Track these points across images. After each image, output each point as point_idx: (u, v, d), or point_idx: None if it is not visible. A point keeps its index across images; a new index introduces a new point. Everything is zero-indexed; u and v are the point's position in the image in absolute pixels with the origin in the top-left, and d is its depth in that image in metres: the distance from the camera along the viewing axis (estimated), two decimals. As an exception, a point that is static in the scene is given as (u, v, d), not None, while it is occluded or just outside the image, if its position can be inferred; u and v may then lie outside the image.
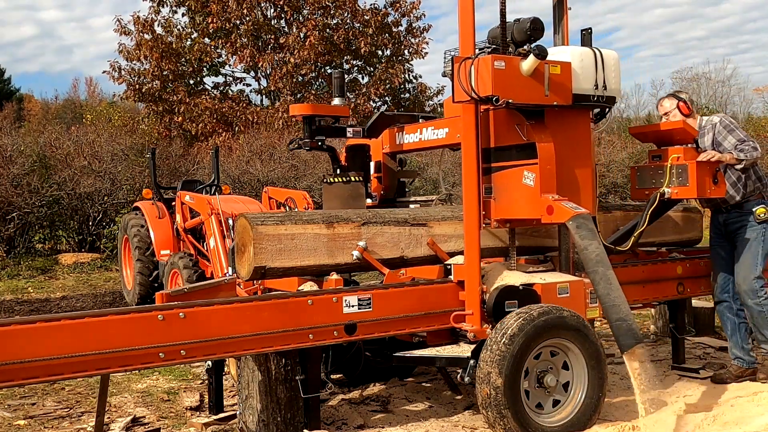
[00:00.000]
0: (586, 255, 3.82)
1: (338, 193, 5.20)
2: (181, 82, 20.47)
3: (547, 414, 4.02)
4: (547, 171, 4.07)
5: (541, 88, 4.03)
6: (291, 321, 3.70)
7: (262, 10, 20.55)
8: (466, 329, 4.06)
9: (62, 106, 39.58)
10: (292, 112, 5.56)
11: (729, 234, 5.00)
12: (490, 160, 4.28)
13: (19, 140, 14.58)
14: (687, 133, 4.76)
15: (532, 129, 4.11)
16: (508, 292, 4.08)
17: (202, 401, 4.98)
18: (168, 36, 20.32)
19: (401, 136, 5.26)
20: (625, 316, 3.72)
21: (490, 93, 3.88)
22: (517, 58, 3.99)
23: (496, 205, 4.27)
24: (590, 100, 4.27)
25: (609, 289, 3.76)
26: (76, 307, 9.12)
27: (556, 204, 3.98)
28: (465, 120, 4.10)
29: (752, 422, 3.95)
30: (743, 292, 4.89)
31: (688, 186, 4.56)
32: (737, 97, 43.87)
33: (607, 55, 4.33)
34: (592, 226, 3.90)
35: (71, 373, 3.28)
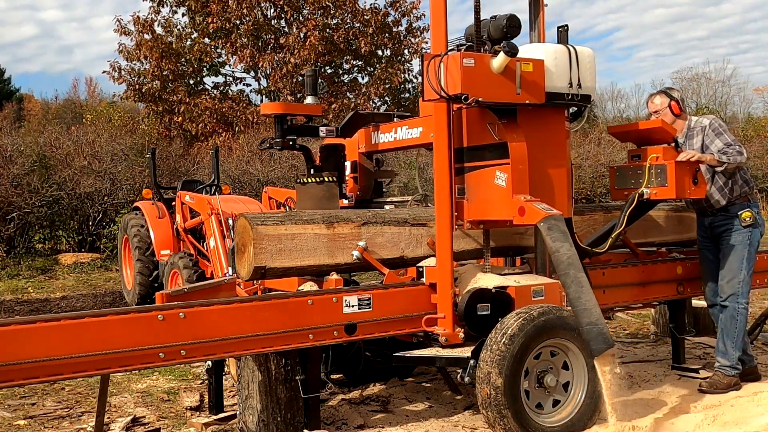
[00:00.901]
0: (557, 257, 3.73)
1: (312, 193, 5.09)
2: (181, 82, 20.48)
3: (547, 414, 4.02)
4: (520, 171, 3.98)
5: (513, 87, 3.94)
6: (291, 321, 3.70)
7: (262, 10, 20.55)
8: (438, 333, 3.99)
9: (62, 106, 39.58)
10: (263, 111, 5.44)
11: (715, 237, 4.93)
12: (463, 159, 4.19)
13: (19, 140, 14.59)
14: (666, 133, 4.67)
15: (504, 128, 4.01)
16: (480, 295, 4.00)
17: (202, 401, 4.98)
18: (168, 36, 20.32)
19: (377, 135, 5.16)
20: (596, 320, 3.62)
21: (459, 91, 3.80)
22: (487, 56, 3.89)
23: (469, 205, 4.17)
24: (564, 99, 4.14)
25: (580, 293, 3.66)
26: (76, 307, 9.12)
27: (528, 205, 3.89)
28: (437, 119, 4.03)
29: (752, 422, 3.96)
30: (725, 293, 4.85)
31: (666, 186, 4.47)
32: (737, 97, 43.95)
33: (581, 52, 4.22)
34: (564, 228, 3.81)
35: (71, 373, 3.27)
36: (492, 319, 3.98)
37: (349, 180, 5.41)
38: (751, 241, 4.83)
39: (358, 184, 5.39)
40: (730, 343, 4.82)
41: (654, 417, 4.24)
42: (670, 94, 4.94)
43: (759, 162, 22.63)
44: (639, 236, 5.40)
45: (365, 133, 5.26)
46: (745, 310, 4.85)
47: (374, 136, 5.17)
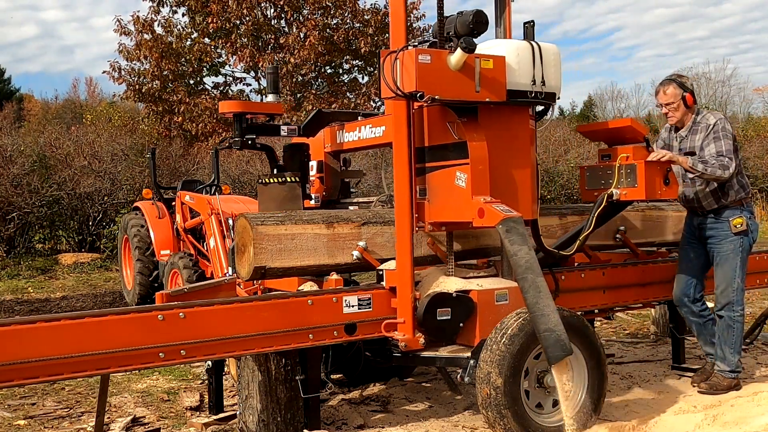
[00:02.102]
0: (515, 261, 3.59)
1: (274, 194, 4.99)
2: (181, 82, 20.47)
3: (547, 414, 4.02)
4: (479, 171, 3.84)
5: (472, 84, 3.80)
6: (291, 321, 3.70)
7: (262, 10, 20.55)
8: (397, 338, 3.88)
9: (62, 106, 39.59)
10: (221, 109, 5.31)
11: (702, 239, 4.81)
12: (425, 159, 4.06)
13: (19, 140, 14.60)
14: (636, 132, 4.51)
15: (464, 127, 3.88)
16: (440, 300, 3.87)
17: (202, 401, 4.98)
18: (168, 36, 20.32)
19: (342, 134, 5.02)
20: (554, 326, 3.50)
21: (414, 89, 3.66)
22: (444, 52, 3.76)
23: (431, 207, 4.04)
24: (528, 97, 3.99)
25: (538, 298, 3.53)
26: (76, 307, 9.12)
27: (487, 206, 3.74)
28: (395, 117, 3.90)
29: (752, 422, 3.95)
30: (719, 303, 4.75)
31: (636, 187, 4.32)
32: (737, 97, 43.95)
33: (546, 49, 4.07)
34: (522, 230, 3.66)
35: (71, 373, 3.28)
36: (453, 324, 3.89)
37: (315, 180, 5.26)
38: (743, 247, 4.70)
39: (324, 184, 5.23)
40: (728, 350, 4.73)
41: (654, 417, 4.25)
42: (683, 85, 4.66)
43: (759, 162, 22.61)
44: (639, 236, 5.41)
45: (330, 132, 5.12)
46: (740, 317, 4.75)
47: (339, 135, 5.03)
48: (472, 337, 3.90)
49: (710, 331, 4.89)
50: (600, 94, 47.91)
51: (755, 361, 5.77)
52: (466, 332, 3.94)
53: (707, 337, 4.90)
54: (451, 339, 3.98)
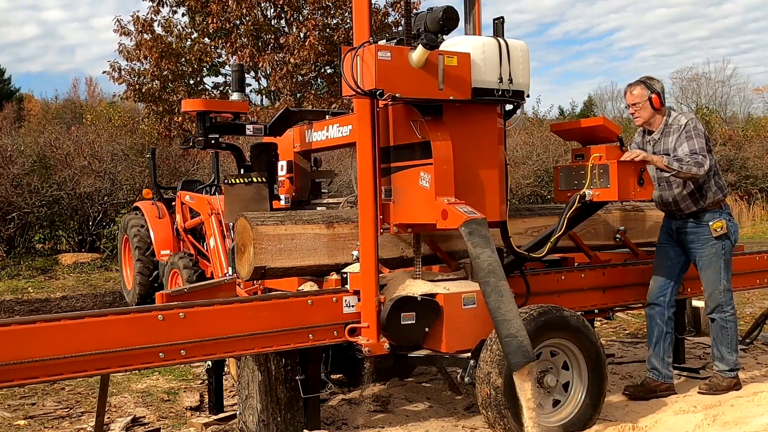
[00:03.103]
0: (478, 264, 3.47)
1: (240, 194, 4.89)
2: (181, 82, 20.45)
3: (547, 414, 4.02)
4: (443, 172, 3.72)
5: (435, 82, 3.68)
6: (291, 321, 3.69)
7: (262, 10, 20.54)
8: (361, 343, 3.77)
9: (62, 106, 39.60)
10: (184, 108, 5.20)
11: (681, 242, 4.75)
12: (390, 159, 3.95)
13: (19, 140, 14.61)
14: (609, 131, 4.41)
15: (428, 126, 3.76)
16: (405, 303, 3.74)
17: (202, 401, 4.98)
18: (168, 36, 20.31)
19: (310, 133, 4.90)
20: (516, 332, 3.36)
21: (374, 86, 3.55)
22: (406, 49, 3.65)
23: (396, 208, 3.93)
24: (494, 95, 3.87)
25: (500, 302, 3.39)
26: (76, 307, 9.12)
27: (450, 208, 3.63)
28: (359, 116, 3.80)
29: (752, 422, 3.96)
30: (709, 307, 4.73)
31: (609, 187, 4.21)
32: (737, 97, 43.99)
33: (513, 45, 3.96)
34: (485, 233, 3.53)
35: (71, 373, 3.27)
36: (418, 329, 3.76)
37: (285, 180, 5.16)
38: (725, 250, 4.66)
39: (293, 184, 5.12)
40: (725, 350, 4.72)
41: (654, 417, 4.25)
42: (650, 86, 4.62)
43: (759, 162, 22.62)
44: (639, 236, 5.41)
45: (299, 132, 5.01)
46: (732, 317, 4.71)
47: (308, 135, 4.92)
48: (438, 342, 3.78)
49: (666, 346, 4.79)
50: (600, 94, 47.94)
51: (755, 361, 5.77)
52: (432, 337, 3.81)
53: (660, 350, 4.78)
54: (416, 344, 3.86)
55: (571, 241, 4.97)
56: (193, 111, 5.07)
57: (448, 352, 3.79)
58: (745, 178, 22.14)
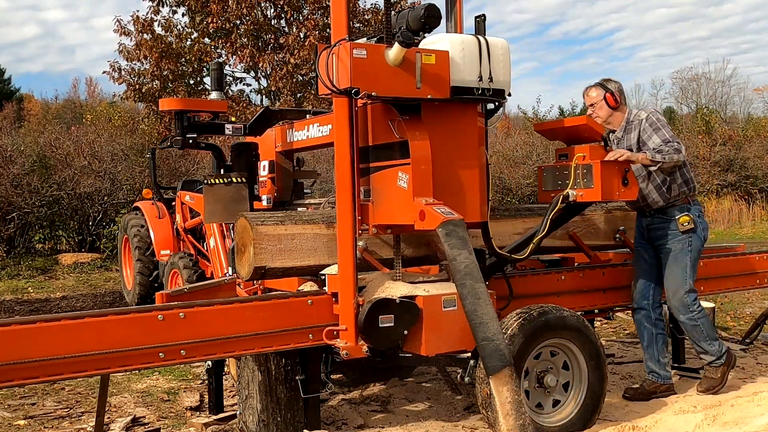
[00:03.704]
0: (454, 266, 3.38)
1: (219, 195, 4.81)
2: (181, 82, 20.46)
3: (547, 414, 4.03)
4: (421, 172, 3.65)
5: (412, 80, 3.60)
6: (291, 321, 3.69)
7: (262, 10, 20.55)
8: (339, 346, 3.70)
9: (62, 106, 39.62)
10: (161, 107, 5.11)
11: (651, 240, 4.72)
12: (369, 159, 3.88)
13: (19, 140, 14.61)
14: (592, 131, 4.38)
15: (405, 125, 3.68)
16: (383, 306, 3.65)
17: (202, 401, 4.98)
18: (168, 36, 20.31)
19: (291, 133, 4.82)
20: (493, 335, 3.27)
21: (349, 85, 3.47)
22: (382, 47, 3.57)
23: (375, 209, 3.86)
24: (474, 94, 3.79)
25: (477, 305, 3.30)
26: (76, 307, 9.12)
27: (428, 208, 3.55)
28: (337, 115, 3.72)
29: (752, 422, 3.95)
30: (674, 307, 4.64)
31: (593, 188, 4.14)
32: (737, 97, 44.01)
33: (494, 43, 3.87)
34: (463, 234, 3.45)
35: (71, 373, 3.27)
36: (396, 332, 3.68)
37: (266, 181, 5.08)
38: (692, 247, 4.59)
39: (275, 185, 5.03)
40: (705, 343, 4.66)
41: (654, 417, 4.25)
42: (605, 86, 4.67)
43: (759, 162, 22.61)
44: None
45: (281, 131, 4.93)
46: (700, 314, 4.62)
47: (289, 134, 4.85)
48: (418, 345, 3.71)
49: (660, 347, 4.78)
50: (600, 94, 47.85)
51: (755, 361, 5.77)
52: (411, 339, 3.73)
53: (654, 352, 4.78)
54: (395, 347, 3.80)
55: (571, 241, 4.98)
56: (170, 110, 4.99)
57: (427, 354, 3.72)
58: (745, 178, 22.14)
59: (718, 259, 5.49)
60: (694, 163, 21.74)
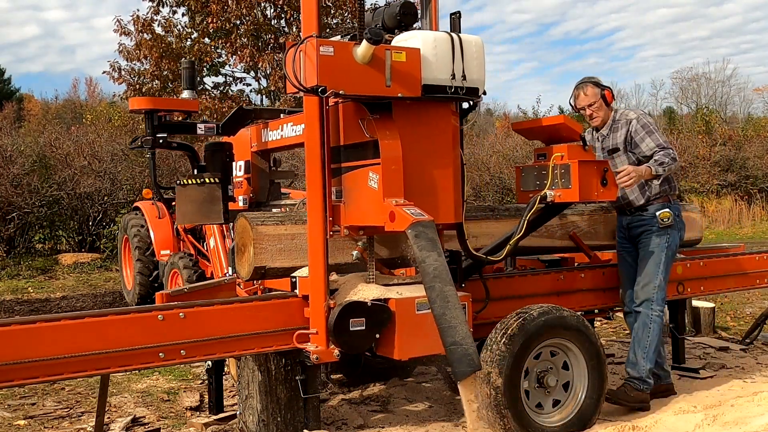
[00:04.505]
0: (423, 268, 3.26)
1: (192, 196, 4.73)
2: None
3: (547, 414, 4.03)
4: (392, 172, 3.55)
5: (382, 78, 3.50)
6: (291, 321, 3.69)
7: (262, 10, 20.54)
8: (309, 350, 3.62)
9: (62, 106, 39.62)
10: (131, 106, 5.00)
11: (632, 238, 4.66)
12: (341, 159, 3.79)
13: (19, 140, 14.61)
14: (571, 130, 4.28)
15: (375, 124, 3.58)
16: (354, 309, 3.58)
17: (202, 401, 4.98)
18: (168, 36, 20.31)
19: (266, 132, 4.73)
20: (462, 339, 3.14)
21: (315, 83, 3.37)
22: (350, 44, 3.48)
23: (346, 209, 3.76)
24: (446, 92, 3.68)
25: (445, 308, 3.19)
26: (76, 307, 9.12)
27: (398, 210, 3.45)
28: (307, 114, 3.64)
29: (752, 422, 3.95)
30: (638, 298, 4.55)
31: (571, 188, 4.07)
32: (737, 97, 44.03)
33: (467, 41, 3.75)
34: (433, 235, 3.34)
35: (71, 373, 3.27)
36: (367, 336, 3.61)
37: (242, 181, 5.00)
38: (669, 243, 4.54)
39: (251, 185, 4.95)
40: (641, 353, 4.49)
41: (654, 417, 4.25)
42: (600, 83, 4.59)
43: (759, 162, 22.61)
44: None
45: (256, 131, 4.85)
46: (659, 318, 4.52)
47: (264, 134, 4.76)
48: (390, 349, 3.63)
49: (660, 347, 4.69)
50: (600, 94, 47.86)
51: (755, 361, 5.77)
52: (384, 343, 3.67)
53: None
54: (367, 351, 3.73)
55: (571, 241, 4.98)
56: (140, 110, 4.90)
57: (401, 359, 3.67)
58: (745, 178, 22.14)
59: (718, 259, 5.49)
60: (694, 163, 21.76)
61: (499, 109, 46.69)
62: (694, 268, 5.25)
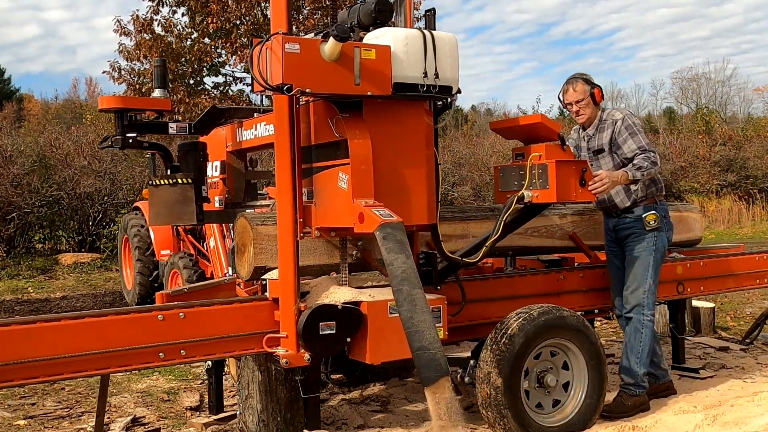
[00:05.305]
0: (391, 271, 3.16)
1: (165, 197, 4.65)
2: (181, 82, 20.44)
3: (547, 414, 4.03)
4: (361, 172, 3.46)
5: (350, 76, 3.41)
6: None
7: (262, 10, 20.53)
8: (279, 354, 3.56)
9: (62, 106, 39.63)
10: (100, 105, 4.90)
11: (620, 241, 4.58)
12: (312, 159, 3.71)
13: (19, 140, 14.61)
14: (549, 129, 4.17)
15: (345, 123, 3.50)
16: (324, 312, 3.52)
17: (202, 401, 4.98)
18: (168, 36, 20.31)
19: (241, 132, 4.68)
20: (429, 344, 3.04)
21: (281, 81, 3.28)
22: (317, 41, 3.39)
23: (317, 210, 3.68)
24: (418, 90, 3.59)
25: (413, 312, 3.07)
26: (76, 307, 9.12)
27: (367, 211, 3.36)
28: (277, 113, 3.57)
29: (752, 422, 3.95)
30: (628, 303, 4.48)
31: (548, 188, 3.98)
32: (737, 97, 44.05)
33: (440, 38, 3.65)
34: (401, 237, 3.24)
35: (71, 373, 3.28)
36: (338, 339, 3.54)
37: (218, 182, 4.94)
38: (657, 246, 4.46)
39: (226, 185, 4.88)
40: (634, 359, 4.44)
41: (654, 417, 4.25)
42: (590, 81, 4.51)
43: (759, 162, 22.62)
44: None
45: (231, 130, 4.80)
46: (650, 322, 4.45)
47: (239, 134, 4.71)
48: (363, 353, 3.57)
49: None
50: (600, 94, 47.90)
51: (755, 361, 5.77)
52: (356, 347, 3.62)
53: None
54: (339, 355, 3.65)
55: (571, 241, 4.98)
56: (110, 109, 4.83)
57: (373, 363, 3.59)
58: (745, 178, 22.16)
59: (718, 259, 5.49)
60: (694, 163, 21.76)
61: (499, 109, 46.75)
62: (694, 268, 5.25)
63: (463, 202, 16.79)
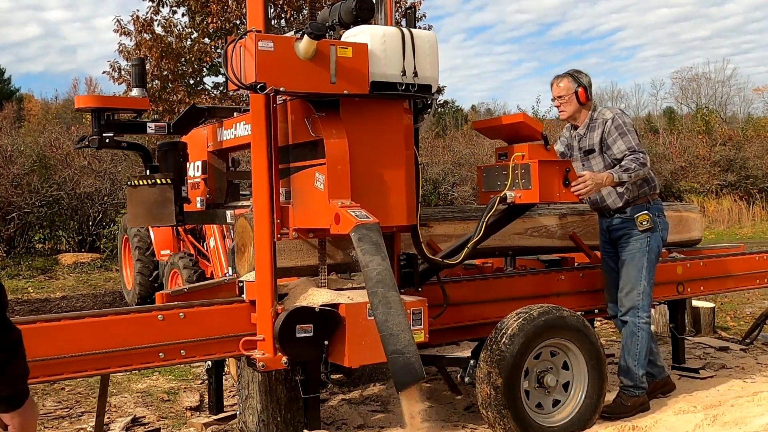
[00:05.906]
0: (366, 273, 3.09)
1: (143, 197, 4.59)
2: (181, 82, 20.43)
3: (547, 414, 4.03)
4: (338, 172, 3.40)
5: (326, 74, 3.33)
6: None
7: (262, 10, 20.53)
8: (256, 357, 3.50)
9: (62, 106, 39.63)
10: (76, 104, 4.87)
11: (614, 242, 4.52)
12: (289, 159, 3.64)
13: (19, 140, 14.61)
14: (532, 129, 4.11)
15: (321, 123, 3.44)
16: (300, 315, 3.46)
17: (202, 401, 4.98)
18: (168, 36, 20.30)
19: (221, 132, 4.63)
20: (404, 348, 2.95)
21: (254, 79, 3.22)
22: (291, 39, 3.33)
23: (294, 211, 3.61)
24: (396, 89, 3.51)
25: (388, 315, 3.00)
26: (76, 307, 9.12)
27: (342, 211, 3.30)
28: (253, 112, 3.49)
29: (752, 422, 3.96)
30: (623, 306, 4.44)
31: (531, 189, 3.92)
32: (737, 97, 44.06)
33: (419, 36, 3.59)
34: (377, 239, 3.16)
35: (71, 373, 3.28)
36: (315, 342, 3.48)
37: (200, 182, 4.89)
38: (651, 246, 4.40)
39: (208, 186, 4.83)
40: (632, 362, 4.41)
41: (654, 417, 4.25)
42: (578, 79, 4.44)
43: (759, 162, 22.62)
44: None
45: (212, 130, 4.76)
46: (646, 324, 4.42)
47: (219, 133, 4.67)
48: (341, 356, 3.51)
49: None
50: (600, 94, 47.96)
51: (755, 361, 5.77)
52: (334, 350, 3.54)
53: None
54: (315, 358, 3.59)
55: (571, 241, 4.98)
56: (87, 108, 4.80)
57: (351, 366, 3.54)
58: (745, 178, 22.15)
59: (718, 259, 5.49)
60: (694, 163, 21.76)
61: (499, 109, 46.69)
62: (694, 268, 5.24)
63: (463, 202, 16.78)
